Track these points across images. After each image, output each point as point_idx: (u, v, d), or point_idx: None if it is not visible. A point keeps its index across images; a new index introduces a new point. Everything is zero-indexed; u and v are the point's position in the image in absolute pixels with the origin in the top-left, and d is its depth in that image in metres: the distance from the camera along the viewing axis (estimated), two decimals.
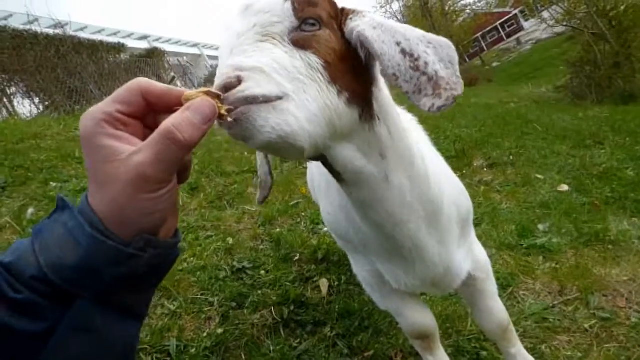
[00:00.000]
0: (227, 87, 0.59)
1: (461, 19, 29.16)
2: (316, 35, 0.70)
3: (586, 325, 1.61)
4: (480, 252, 1.24)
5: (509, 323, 1.31)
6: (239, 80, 0.59)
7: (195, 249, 2.42)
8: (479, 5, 31.44)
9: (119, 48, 10.84)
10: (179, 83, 14.65)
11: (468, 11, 30.47)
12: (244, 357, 1.65)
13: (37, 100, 8.05)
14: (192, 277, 2.14)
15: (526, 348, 1.38)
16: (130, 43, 13.89)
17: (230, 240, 2.50)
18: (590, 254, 2.15)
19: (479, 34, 34.12)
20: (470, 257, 1.18)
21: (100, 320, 0.46)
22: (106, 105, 0.48)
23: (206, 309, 1.90)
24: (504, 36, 35.53)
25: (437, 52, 0.69)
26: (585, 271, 1.91)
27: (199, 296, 2.00)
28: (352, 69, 0.73)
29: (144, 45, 15.82)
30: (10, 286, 0.43)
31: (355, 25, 0.72)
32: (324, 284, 2.06)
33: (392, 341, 1.62)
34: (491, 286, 1.27)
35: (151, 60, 12.08)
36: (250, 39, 0.66)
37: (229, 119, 0.57)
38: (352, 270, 1.31)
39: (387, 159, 0.81)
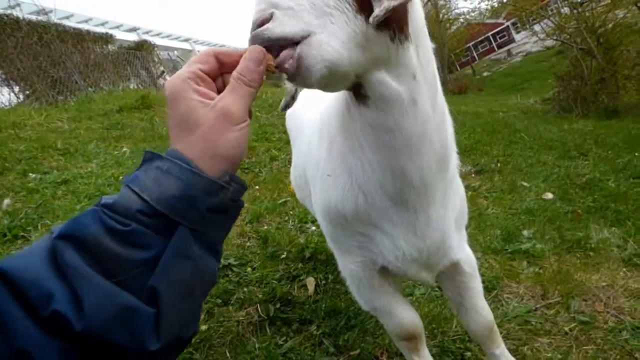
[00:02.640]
0: (261, 23, 0.67)
1: (454, 27, 29.53)
2: None
3: (566, 328, 1.64)
4: (468, 249, 1.25)
5: (494, 324, 1.32)
6: (271, 16, 0.68)
7: None
8: (472, 15, 31.89)
9: (107, 39, 10.58)
10: (168, 77, 14.46)
11: (461, 20, 30.87)
12: (228, 354, 1.64)
13: (17, 88, 7.81)
14: None
15: (509, 349, 1.39)
16: (119, 34, 13.62)
17: None
18: (572, 260, 2.19)
19: (470, 44, 34.62)
20: (463, 248, 1.20)
21: (196, 249, 0.53)
22: (189, 66, 0.59)
23: None
24: (495, 47, 36.11)
25: None
26: (566, 276, 1.95)
27: None
28: None
29: (133, 37, 15.58)
30: (117, 222, 0.48)
31: None
32: (310, 282, 2.06)
33: (378, 340, 1.63)
34: (478, 284, 1.27)
35: (140, 53, 11.88)
36: None
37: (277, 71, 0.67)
38: (339, 270, 1.29)
39: (417, 81, 0.83)
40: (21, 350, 0.42)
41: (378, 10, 0.68)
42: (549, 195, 3.30)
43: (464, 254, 1.20)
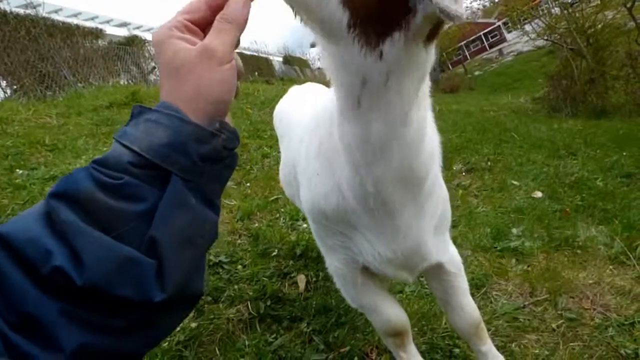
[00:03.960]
0: None
1: (447, 26, 29.60)
2: None
3: (554, 325, 1.66)
4: (453, 250, 1.26)
5: (480, 321, 1.33)
6: None
7: None
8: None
9: (97, 33, 10.43)
10: (159, 73, 14.28)
11: None
12: (218, 351, 1.63)
13: (4, 83, 7.66)
14: None
15: (497, 346, 1.41)
16: (109, 29, 13.42)
17: None
18: (560, 257, 2.22)
19: (462, 43, 34.80)
20: (445, 250, 1.20)
21: (192, 199, 0.52)
22: (175, 16, 0.58)
23: None
24: (487, 46, 36.34)
25: None
26: (554, 274, 1.98)
27: None
28: None
29: (123, 32, 15.38)
30: (109, 176, 0.48)
31: None
32: (301, 279, 2.06)
33: (368, 337, 1.63)
34: (463, 283, 1.28)
35: (131, 48, 11.73)
36: None
37: None
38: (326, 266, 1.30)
39: (367, 89, 0.78)
40: (24, 313, 0.42)
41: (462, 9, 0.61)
42: (538, 194, 3.33)
43: (448, 256, 1.21)
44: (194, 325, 1.71)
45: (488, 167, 4.24)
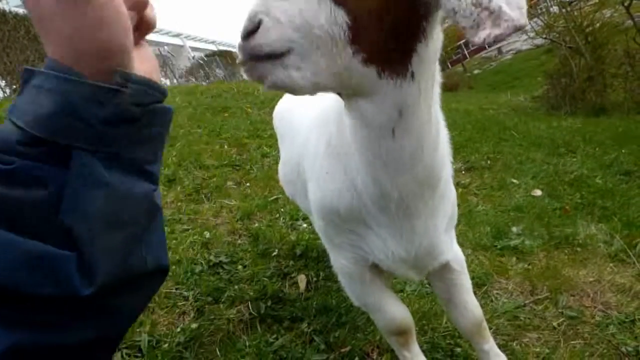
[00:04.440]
0: (248, 34, 0.68)
1: (446, 24, 29.65)
2: None
3: (554, 323, 1.66)
4: (457, 247, 1.27)
5: (482, 319, 1.33)
6: (259, 25, 0.68)
7: (170, 242, 2.37)
8: None
9: None
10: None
11: None
12: (218, 352, 1.63)
13: (3, 83, 7.65)
14: None
15: (498, 345, 1.41)
16: None
17: (207, 234, 2.47)
18: (560, 256, 2.22)
19: (462, 42, 34.80)
20: (452, 248, 1.21)
21: (108, 174, 0.44)
22: None
23: (180, 304, 1.87)
24: (486, 45, 36.32)
25: None
26: (555, 272, 1.97)
27: (173, 290, 1.96)
28: (395, 25, 0.71)
29: None
30: None
31: None
32: (302, 279, 2.05)
33: (369, 337, 1.63)
34: (466, 281, 1.29)
35: None
36: None
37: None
38: (330, 267, 1.30)
39: (403, 117, 0.80)
40: None
41: (485, 34, 0.61)
42: (538, 192, 3.33)
43: (453, 254, 1.22)
44: (194, 326, 1.71)
45: (487, 165, 4.23)
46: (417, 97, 0.79)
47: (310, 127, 1.26)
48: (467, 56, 35.58)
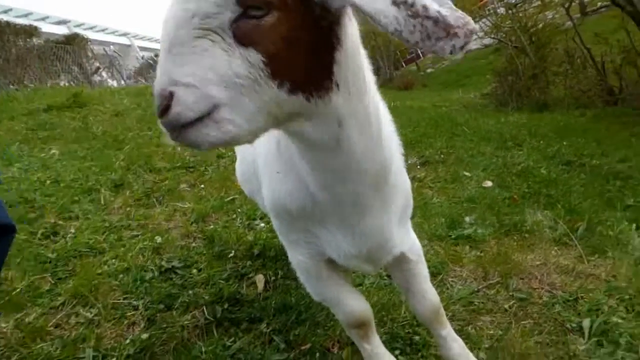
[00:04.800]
0: (165, 108, 0.64)
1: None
2: (261, 25, 0.66)
3: (506, 306, 1.72)
4: (413, 237, 1.28)
5: (440, 306, 1.35)
6: (172, 96, 0.64)
7: (118, 249, 2.25)
8: None
9: (31, 31, 9.75)
10: (104, 74, 13.61)
11: None
12: None
13: None
14: (114, 280, 1.98)
15: (454, 330, 1.43)
16: (46, 27, 12.66)
17: (158, 239, 2.35)
18: (510, 242, 2.31)
19: None
20: (407, 240, 1.22)
21: None
22: None
23: (129, 314, 1.76)
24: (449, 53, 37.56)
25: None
26: (505, 258, 2.05)
27: (121, 300, 1.85)
28: (307, 44, 0.70)
29: (62, 30, 14.53)
30: None
31: None
32: (260, 279, 2.00)
33: (329, 332, 1.61)
34: (423, 270, 1.31)
35: (71, 47, 11.05)
36: (188, 36, 0.66)
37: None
38: (289, 265, 1.28)
39: (343, 126, 0.80)
40: None
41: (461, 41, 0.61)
42: (489, 183, 3.47)
43: (409, 244, 1.23)
44: (145, 336, 1.62)
45: (441, 159, 4.36)
46: (349, 104, 0.79)
47: None
48: (421, 55, 36.70)
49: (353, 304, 1.25)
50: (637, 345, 1.44)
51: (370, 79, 0.89)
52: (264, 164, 1.16)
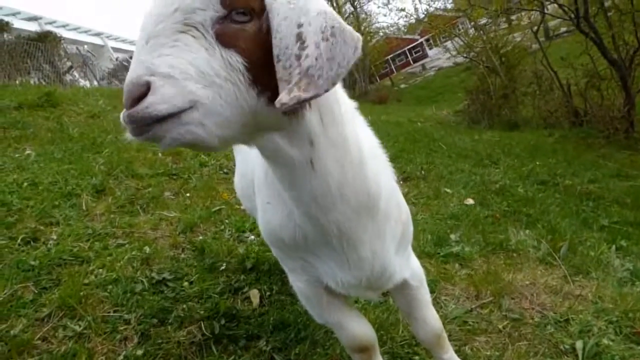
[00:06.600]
0: (137, 98, 0.60)
1: (374, 40, 31.11)
2: (244, 29, 0.65)
3: (500, 326, 1.77)
4: (415, 262, 1.27)
5: (442, 331, 1.36)
6: (148, 88, 0.60)
7: (104, 258, 2.15)
8: (391, 29, 33.96)
9: (2, 26, 9.33)
10: (76, 73, 13.13)
11: (381, 34, 32.68)
12: None
13: None
14: (102, 291, 1.89)
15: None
16: (17, 23, 12.12)
17: (147, 249, 2.27)
18: (497, 261, 2.38)
19: (389, 57, 36.61)
20: (408, 266, 1.21)
21: None
22: None
23: (121, 328, 1.69)
24: (411, 61, 38.62)
25: (332, 49, 0.64)
26: (495, 277, 2.11)
27: (111, 313, 1.77)
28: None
29: (33, 27, 13.95)
30: None
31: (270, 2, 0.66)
32: (254, 294, 1.97)
33: (329, 351, 1.60)
34: (425, 295, 1.30)
35: (43, 45, 10.60)
36: (169, 29, 0.63)
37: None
38: (284, 280, 1.27)
39: (315, 146, 0.78)
40: None
41: (288, 99, 0.61)
42: (470, 201, 3.57)
43: (410, 271, 1.21)
44: (139, 352, 1.55)
45: (422, 175, 4.46)
46: (321, 125, 0.78)
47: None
48: (394, 70, 37.54)
49: (355, 329, 1.23)
50: None
51: (345, 105, 0.88)
52: (257, 191, 1.14)
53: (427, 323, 1.31)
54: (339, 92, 0.85)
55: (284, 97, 0.62)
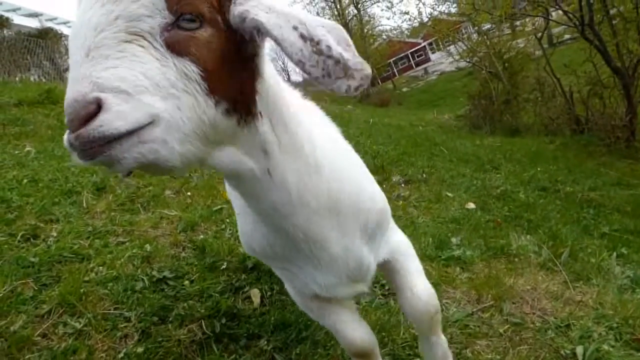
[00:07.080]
0: (86, 118, 0.53)
1: (377, 43, 31.20)
2: (195, 36, 0.62)
3: (501, 330, 1.76)
4: (396, 236, 1.22)
5: (435, 309, 1.23)
6: (99, 106, 0.54)
7: (105, 256, 2.15)
8: (394, 32, 34.08)
9: (2, 22, 9.33)
10: None
11: (384, 37, 32.78)
12: None
13: None
14: (103, 289, 1.89)
15: (453, 353, 1.45)
16: (17, 19, 12.14)
17: (147, 247, 2.27)
18: (498, 265, 2.38)
19: (392, 60, 36.71)
20: (386, 246, 1.16)
21: None
22: None
23: (122, 326, 1.68)
24: (413, 64, 38.74)
25: (333, 35, 0.65)
26: (497, 281, 2.11)
27: (111, 311, 1.76)
28: (235, 68, 0.68)
29: (34, 23, 13.95)
30: None
31: (245, 11, 0.65)
32: (255, 294, 1.96)
33: (330, 352, 1.60)
34: (412, 263, 1.22)
35: (44, 41, 10.60)
36: (113, 38, 0.57)
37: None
38: None
39: (270, 154, 0.78)
40: None
41: (356, 83, 0.63)
42: (472, 205, 3.57)
43: (389, 248, 1.17)
44: (140, 350, 1.54)
45: (424, 179, 4.45)
46: (273, 134, 0.78)
47: None
48: (397, 74, 37.63)
49: (353, 334, 1.19)
50: None
51: (294, 105, 0.87)
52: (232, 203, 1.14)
53: (414, 292, 1.17)
54: (285, 92, 0.84)
55: (352, 83, 0.62)
